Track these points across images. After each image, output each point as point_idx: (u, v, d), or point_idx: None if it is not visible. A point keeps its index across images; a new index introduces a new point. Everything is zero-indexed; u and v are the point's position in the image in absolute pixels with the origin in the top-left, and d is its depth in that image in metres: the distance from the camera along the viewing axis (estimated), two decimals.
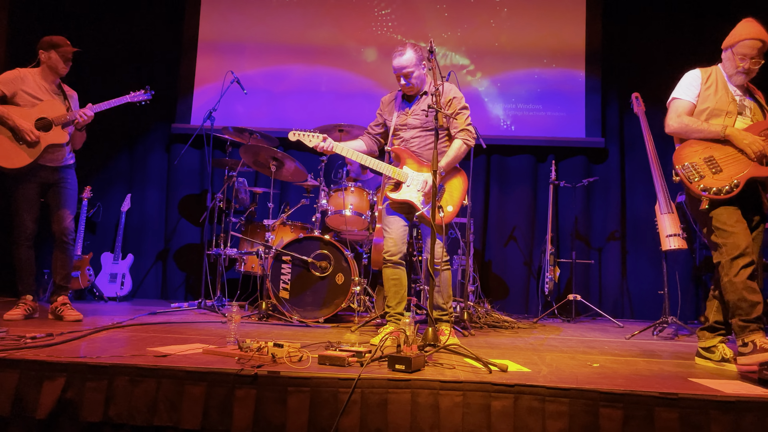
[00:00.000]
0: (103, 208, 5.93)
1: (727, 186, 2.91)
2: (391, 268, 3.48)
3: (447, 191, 3.42)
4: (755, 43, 3.02)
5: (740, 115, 3.05)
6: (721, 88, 3.09)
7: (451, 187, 3.43)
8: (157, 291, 6.03)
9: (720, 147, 2.99)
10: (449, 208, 3.40)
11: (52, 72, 3.89)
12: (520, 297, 5.92)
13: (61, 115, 3.82)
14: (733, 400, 2.12)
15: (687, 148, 3.05)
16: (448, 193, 3.42)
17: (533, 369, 2.56)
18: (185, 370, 2.24)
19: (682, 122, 3.09)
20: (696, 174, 2.98)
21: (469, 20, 6.13)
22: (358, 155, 3.44)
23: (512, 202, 6.04)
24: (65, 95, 3.96)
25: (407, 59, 3.40)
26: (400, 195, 3.43)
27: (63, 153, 3.89)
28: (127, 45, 6.14)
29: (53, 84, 3.92)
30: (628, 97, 4.99)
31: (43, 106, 3.81)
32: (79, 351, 2.56)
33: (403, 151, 3.48)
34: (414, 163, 3.45)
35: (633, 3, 6.06)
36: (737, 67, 3.07)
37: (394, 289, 3.47)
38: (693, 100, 3.11)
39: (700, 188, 2.96)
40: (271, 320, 4.14)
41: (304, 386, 2.19)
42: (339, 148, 3.43)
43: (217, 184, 5.80)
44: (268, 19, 6.23)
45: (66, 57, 3.88)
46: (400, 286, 3.48)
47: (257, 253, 4.68)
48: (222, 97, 5.07)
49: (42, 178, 3.84)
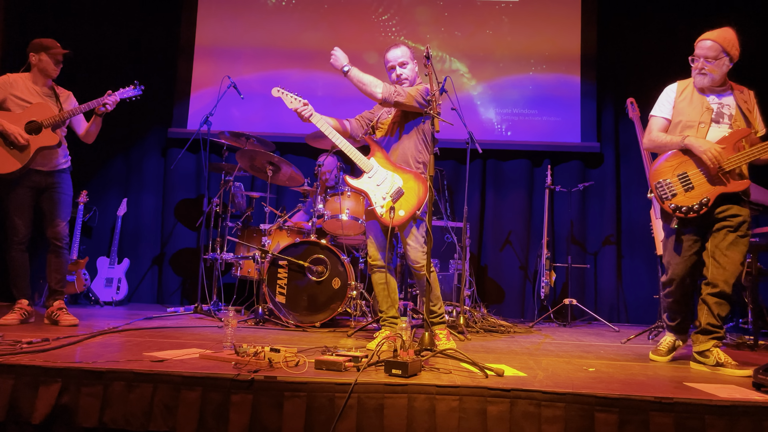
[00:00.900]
0: (99, 213, 5.92)
1: (696, 204, 2.93)
2: (377, 272, 3.45)
3: (404, 195, 3.30)
4: (704, 43, 3.09)
5: (716, 124, 3.04)
6: (696, 98, 3.12)
7: (408, 192, 3.30)
8: (153, 295, 6.02)
9: (693, 161, 3.00)
10: (401, 212, 3.28)
11: (42, 74, 3.87)
12: (516, 301, 5.94)
13: (50, 117, 3.78)
14: (728, 404, 2.13)
15: (662, 162, 3.07)
16: (405, 197, 3.30)
17: (529, 373, 2.56)
18: (181, 375, 2.24)
19: (650, 139, 3.16)
20: (668, 192, 3.01)
21: (465, 26, 6.16)
22: (331, 132, 3.37)
23: (508, 207, 6.06)
24: (57, 97, 3.93)
25: (402, 51, 3.44)
26: (357, 183, 3.39)
27: (56, 156, 3.86)
28: (123, 50, 6.14)
29: (45, 86, 3.90)
30: (623, 102, 5.01)
31: (32, 109, 3.78)
32: (74, 356, 2.56)
33: (375, 143, 3.45)
34: (383, 159, 3.39)
35: (627, 9, 6.10)
36: (693, 68, 3.09)
37: (383, 293, 3.44)
38: (667, 116, 3.16)
39: (671, 207, 2.98)
40: (267, 325, 4.14)
41: (301, 391, 2.19)
42: (316, 119, 3.37)
43: (214, 188, 5.80)
44: (264, 23, 6.24)
45: (56, 59, 3.86)
46: (389, 290, 3.43)
47: (253, 258, 4.68)
48: (219, 101, 5.08)
49: (35, 182, 3.82)
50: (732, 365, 2.87)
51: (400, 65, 3.43)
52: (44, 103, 3.83)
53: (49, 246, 3.88)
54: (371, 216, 3.44)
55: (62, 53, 3.87)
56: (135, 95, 4.02)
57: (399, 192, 3.30)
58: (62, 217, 3.89)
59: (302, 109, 3.37)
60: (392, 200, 3.28)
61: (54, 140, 3.80)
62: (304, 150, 5.79)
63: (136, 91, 4.02)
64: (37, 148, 3.74)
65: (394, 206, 3.25)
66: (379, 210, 3.31)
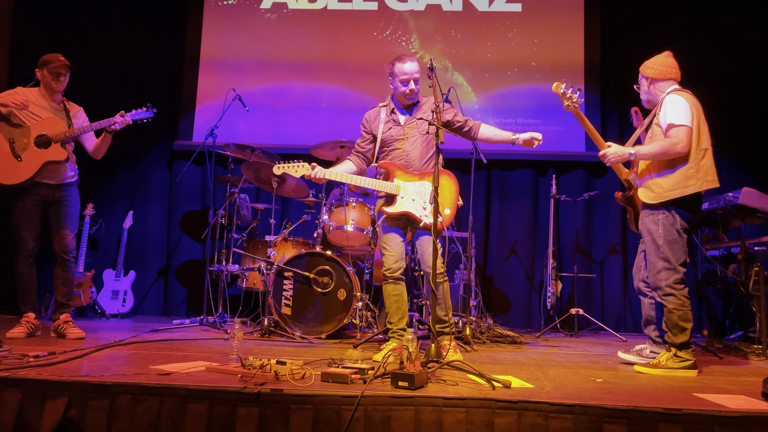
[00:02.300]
0: (105, 225, 5.94)
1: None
2: (392, 284, 3.47)
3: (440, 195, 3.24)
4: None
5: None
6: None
7: (442, 190, 3.28)
8: (159, 308, 6.03)
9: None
10: (446, 211, 3.38)
11: (48, 89, 3.92)
12: (522, 311, 5.91)
13: (61, 132, 3.83)
14: (737, 415, 2.12)
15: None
16: (441, 197, 3.26)
17: (536, 385, 2.55)
18: (188, 388, 2.24)
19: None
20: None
21: (468, 36, 6.18)
22: (349, 177, 3.44)
23: (513, 216, 6.05)
24: (67, 112, 3.98)
25: (417, 65, 3.49)
26: (396, 208, 3.42)
27: (63, 170, 3.90)
28: (129, 62, 6.19)
29: (54, 101, 3.95)
30: (627, 111, 5.00)
31: (43, 123, 3.82)
32: (81, 369, 2.56)
33: (389, 165, 3.48)
34: (403, 174, 3.45)
35: (631, 18, 6.11)
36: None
37: (395, 305, 3.46)
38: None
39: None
40: (273, 337, 4.13)
41: (307, 404, 2.19)
42: (330, 174, 3.42)
43: (219, 200, 5.81)
44: (268, 36, 6.28)
45: (56, 72, 3.88)
46: (402, 301, 3.47)
47: (259, 269, 4.68)
48: (224, 114, 5.11)
49: (42, 195, 3.85)
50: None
51: (415, 81, 3.47)
52: (55, 119, 3.88)
53: (56, 259, 3.90)
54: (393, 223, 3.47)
55: (62, 65, 3.89)
56: (147, 117, 4.02)
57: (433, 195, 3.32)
58: (69, 230, 3.92)
59: (312, 174, 3.42)
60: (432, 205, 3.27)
61: (62, 155, 3.83)
62: (309, 161, 5.76)
63: (148, 113, 4.02)
64: (45, 162, 3.77)
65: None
66: (427, 221, 3.33)
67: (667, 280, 3.20)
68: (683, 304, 3.18)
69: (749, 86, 5.85)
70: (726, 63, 5.88)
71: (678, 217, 3.23)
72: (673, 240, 3.23)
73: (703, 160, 3.22)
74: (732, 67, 5.88)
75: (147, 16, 6.29)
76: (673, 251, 3.22)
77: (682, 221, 3.23)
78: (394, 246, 3.48)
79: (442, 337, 3.37)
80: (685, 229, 3.25)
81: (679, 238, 3.23)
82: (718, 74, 5.87)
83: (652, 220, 3.29)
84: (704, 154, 3.24)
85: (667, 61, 3.54)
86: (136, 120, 3.98)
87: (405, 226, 3.53)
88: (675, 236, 3.23)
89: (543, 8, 6.19)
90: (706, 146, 3.26)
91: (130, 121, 3.93)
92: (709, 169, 3.22)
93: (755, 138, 5.80)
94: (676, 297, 3.18)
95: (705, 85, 5.87)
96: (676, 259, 3.22)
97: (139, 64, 6.22)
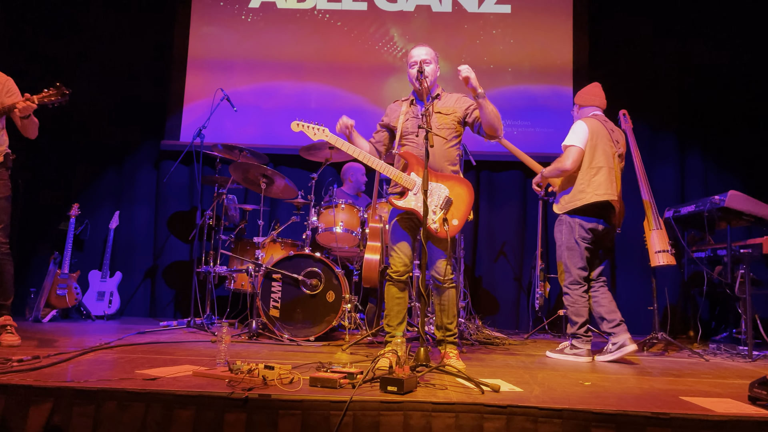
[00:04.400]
0: (91, 226, 5.88)
1: None
2: (396, 286, 3.33)
3: (454, 204, 3.20)
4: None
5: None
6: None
7: (457, 199, 3.21)
8: (146, 309, 5.97)
9: None
10: (454, 221, 3.19)
11: None
12: (510, 313, 5.93)
13: None
14: (724, 419, 2.13)
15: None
16: (455, 206, 3.20)
17: (525, 389, 2.55)
18: (174, 393, 2.21)
19: None
20: None
21: (457, 38, 6.19)
22: (364, 155, 3.27)
23: (502, 218, 6.06)
24: None
25: (427, 50, 3.35)
26: (406, 203, 3.23)
27: None
28: (116, 62, 6.13)
29: None
30: (615, 114, 5.03)
31: None
32: (66, 375, 2.53)
33: (412, 156, 3.26)
34: (423, 170, 3.16)
35: (619, 22, 6.15)
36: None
37: (397, 308, 3.33)
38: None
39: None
40: (261, 339, 4.11)
41: (296, 409, 2.17)
42: (349, 148, 3.26)
43: (207, 201, 5.77)
44: (257, 35, 6.25)
45: None
46: (404, 306, 3.35)
47: (247, 271, 4.65)
48: (212, 114, 5.07)
49: None
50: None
51: (423, 63, 3.27)
52: None
53: None
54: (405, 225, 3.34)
55: None
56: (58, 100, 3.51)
57: (448, 201, 3.19)
58: None
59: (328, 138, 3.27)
60: (443, 211, 3.19)
61: None
62: (298, 162, 5.77)
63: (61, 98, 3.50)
64: None
65: (446, 218, 3.16)
66: (433, 226, 3.16)
67: (564, 281, 3.86)
68: (575, 302, 3.80)
69: (736, 90, 5.90)
70: (714, 67, 5.93)
71: (577, 227, 3.80)
72: (570, 246, 3.82)
73: (596, 177, 3.78)
74: (720, 70, 5.93)
75: (134, 14, 6.23)
76: (570, 256, 3.82)
77: (581, 231, 3.79)
78: (404, 248, 3.33)
79: (445, 344, 3.29)
80: (584, 238, 3.79)
81: (576, 246, 3.80)
82: (706, 78, 5.93)
83: (558, 229, 3.92)
84: (597, 171, 3.79)
85: (594, 90, 4.15)
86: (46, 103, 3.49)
87: (416, 229, 3.38)
88: (572, 244, 3.81)
89: (532, 10, 6.21)
90: (601, 165, 3.80)
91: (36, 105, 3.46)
92: (600, 184, 3.76)
93: (743, 141, 5.85)
94: (570, 296, 3.82)
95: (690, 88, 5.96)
96: (572, 263, 3.81)
97: (126, 63, 6.15)
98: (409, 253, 3.36)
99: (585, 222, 3.79)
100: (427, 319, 4.22)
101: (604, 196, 3.75)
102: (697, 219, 4.55)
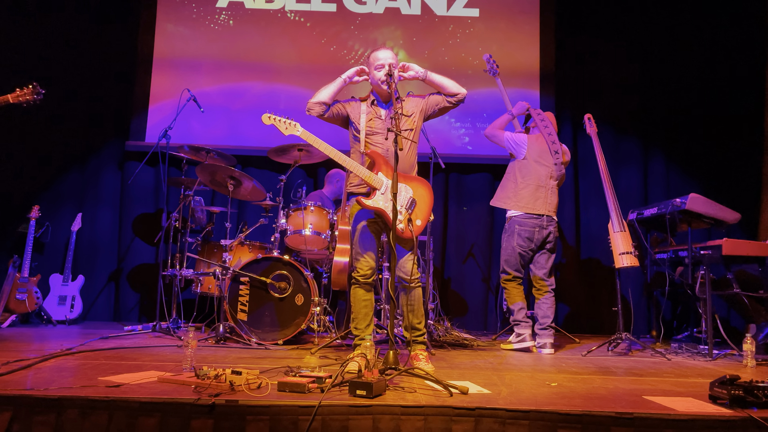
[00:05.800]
0: (52, 228, 5.72)
1: None
2: (363, 288, 3.32)
3: (417, 204, 3.26)
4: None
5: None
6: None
7: (420, 200, 3.28)
8: (110, 313, 5.84)
9: None
10: (418, 221, 3.25)
11: None
12: (479, 314, 5.97)
13: None
14: (686, 418, 2.18)
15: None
16: (418, 206, 3.27)
17: (493, 390, 2.57)
18: (139, 400, 2.17)
19: None
20: None
21: (426, 40, 6.22)
22: (336, 153, 3.27)
23: (470, 220, 6.10)
24: None
25: (392, 53, 3.37)
26: (373, 203, 3.24)
27: None
28: (79, 60, 5.98)
29: None
30: (580, 118, 5.12)
31: None
32: (26, 382, 2.46)
33: (380, 156, 3.30)
34: (389, 171, 3.24)
35: (585, 27, 6.25)
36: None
37: (364, 311, 3.32)
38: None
39: None
40: (228, 343, 4.05)
41: (264, 414, 2.15)
42: (319, 144, 3.26)
43: (173, 203, 5.68)
44: (225, 36, 6.17)
45: None
46: (371, 308, 3.35)
47: (214, 274, 4.59)
48: (178, 115, 4.99)
49: None
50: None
51: (392, 66, 3.28)
52: None
53: None
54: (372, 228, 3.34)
55: None
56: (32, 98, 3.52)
57: (412, 202, 3.25)
58: None
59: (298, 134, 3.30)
60: (408, 212, 3.22)
61: None
62: (266, 164, 5.72)
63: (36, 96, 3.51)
64: None
65: (411, 218, 3.20)
66: (399, 226, 3.17)
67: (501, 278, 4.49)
68: (509, 294, 4.43)
69: (701, 94, 6.05)
70: (676, 71, 6.09)
71: (515, 233, 4.34)
72: (507, 247, 4.41)
73: (522, 192, 4.34)
74: (682, 75, 6.08)
75: (98, 12, 6.09)
76: (507, 257, 4.41)
77: (518, 236, 4.33)
78: (370, 249, 3.32)
79: (415, 345, 3.31)
80: (520, 245, 4.34)
81: (512, 249, 4.37)
82: (669, 81, 6.08)
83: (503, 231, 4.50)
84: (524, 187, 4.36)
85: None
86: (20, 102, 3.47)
87: (381, 231, 3.41)
88: (510, 246, 4.38)
89: (500, 14, 6.27)
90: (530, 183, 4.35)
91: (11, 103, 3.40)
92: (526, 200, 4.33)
93: (704, 145, 6.01)
94: (506, 290, 4.47)
95: (656, 92, 6.11)
96: (508, 263, 4.42)
97: (90, 62, 6.01)
98: (375, 256, 3.37)
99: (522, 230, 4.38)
100: (397, 321, 4.23)
101: (525, 208, 4.36)
102: (659, 221, 4.66)
